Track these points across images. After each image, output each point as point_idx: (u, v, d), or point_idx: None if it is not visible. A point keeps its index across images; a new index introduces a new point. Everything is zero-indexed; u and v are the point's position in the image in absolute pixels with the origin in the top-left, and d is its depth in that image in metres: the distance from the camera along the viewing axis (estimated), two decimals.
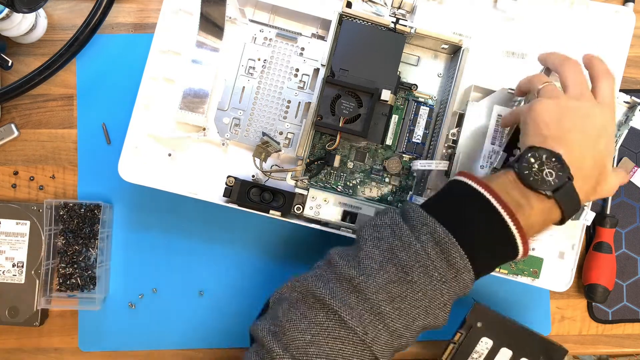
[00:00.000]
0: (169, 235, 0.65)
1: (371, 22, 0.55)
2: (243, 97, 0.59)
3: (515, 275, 0.57)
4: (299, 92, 0.59)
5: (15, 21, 0.61)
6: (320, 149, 0.59)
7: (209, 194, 0.58)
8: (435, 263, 0.41)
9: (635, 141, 0.68)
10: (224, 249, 0.65)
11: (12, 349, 0.65)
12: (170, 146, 0.59)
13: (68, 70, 0.66)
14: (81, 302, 0.63)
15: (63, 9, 0.67)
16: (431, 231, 0.41)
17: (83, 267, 0.64)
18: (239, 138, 0.59)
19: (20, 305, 0.63)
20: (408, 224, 0.43)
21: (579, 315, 0.67)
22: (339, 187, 0.59)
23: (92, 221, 0.64)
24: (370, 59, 0.54)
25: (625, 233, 0.67)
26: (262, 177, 0.57)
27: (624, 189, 0.67)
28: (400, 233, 0.42)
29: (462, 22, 0.59)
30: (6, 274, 0.63)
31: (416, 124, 0.59)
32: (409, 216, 0.43)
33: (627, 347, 0.67)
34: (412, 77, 0.60)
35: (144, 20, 0.67)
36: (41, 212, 0.63)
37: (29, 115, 0.66)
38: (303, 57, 0.59)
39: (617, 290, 0.66)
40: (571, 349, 0.67)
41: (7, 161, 0.66)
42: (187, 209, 0.65)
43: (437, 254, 0.41)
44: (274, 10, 0.59)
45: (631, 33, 0.59)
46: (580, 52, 0.59)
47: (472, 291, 0.65)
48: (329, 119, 0.54)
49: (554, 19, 0.59)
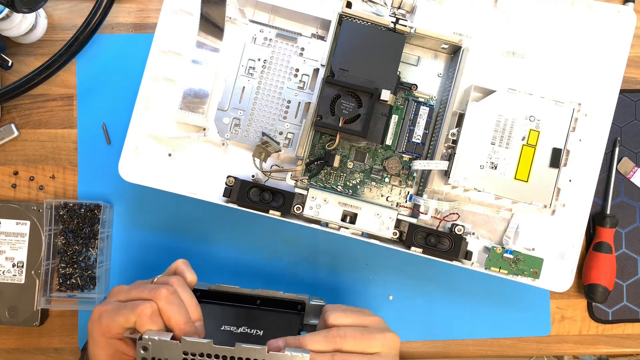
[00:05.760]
0: (169, 235, 0.65)
1: (371, 22, 0.55)
2: (243, 97, 0.59)
3: (516, 276, 0.57)
4: (298, 92, 0.59)
5: (15, 21, 0.61)
6: (320, 149, 0.59)
7: (208, 193, 0.58)
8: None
9: (635, 141, 0.68)
10: (223, 249, 0.65)
11: (12, 349, 0.65)
12: (170, 146, 0.59)
13: (68, 70, 0.66)
14: (81, 302, 0.63)
15: (63, 9, 0.67)
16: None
17: (83, 267, 0.64)
18: (239, 138, 0.59)
19: (20, 305, 0.63)
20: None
21: (579, 315, 0.67)
22: (338, 187, 0.59)
23: (92, 221, 0.64)
24: (370, 59, 0.54)
25: (625, 233, 0.67)
26: (262, 177, 0.57)
27: (624, 189, 0.67)
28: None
29: (462, 22, 0.59)
30: (6, 274, 0.63)
31: (416, 124, 0.59)
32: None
33: (627, 347, 0.67)
34: (412, 77, 0.60)
35: (144, 20, 0.67)
36: (41, 212, 0.63)
37: (29, 115, 0.66)
38: (303, 57, 0.59)
39: (617, 290, 0.66)
40: (571, 349, 0.67)
41: (7, 161, 0.66)
42: (187, 208, 0.65)
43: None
44: (274, 10, 0.59)
45: (632, 33, 0.59)
46: (580, 52, 0.59)
47: (473, 291, 0.65)
48: (328, 119, 0.54)
49: (554, 19, 0.59)
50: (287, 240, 0.66)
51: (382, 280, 0.66)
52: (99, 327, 0.44)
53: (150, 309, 0.42)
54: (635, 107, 0.68)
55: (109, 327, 0.43)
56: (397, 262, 0.66)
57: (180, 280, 0.46)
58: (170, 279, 0.46)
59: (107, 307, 0.44)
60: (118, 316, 0.43)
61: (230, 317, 0.51)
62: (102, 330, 0.43)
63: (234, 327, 0.51)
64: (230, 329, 0.51)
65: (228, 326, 0.51)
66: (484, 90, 0.56)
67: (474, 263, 0.57)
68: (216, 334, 0.50)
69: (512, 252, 0.57)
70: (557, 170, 0.55)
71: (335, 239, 0.65)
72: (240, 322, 0.51)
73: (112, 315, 0.43)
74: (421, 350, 0.66)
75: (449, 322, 0.66)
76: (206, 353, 0.41)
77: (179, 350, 0.41)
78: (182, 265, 0.49)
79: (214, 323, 0.51)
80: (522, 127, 0.56)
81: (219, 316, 0.51)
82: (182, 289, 0.45)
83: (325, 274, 0.65)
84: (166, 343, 0.41)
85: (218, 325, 0.51)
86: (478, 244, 0.58)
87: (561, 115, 0.56)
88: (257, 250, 0.66)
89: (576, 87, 0.59)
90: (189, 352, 0.41)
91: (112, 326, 0.43)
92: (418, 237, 0.55)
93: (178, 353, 0.41)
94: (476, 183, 0.55)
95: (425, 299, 0.66)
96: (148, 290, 0.44)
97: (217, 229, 0.65)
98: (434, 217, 0.58)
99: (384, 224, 0.55)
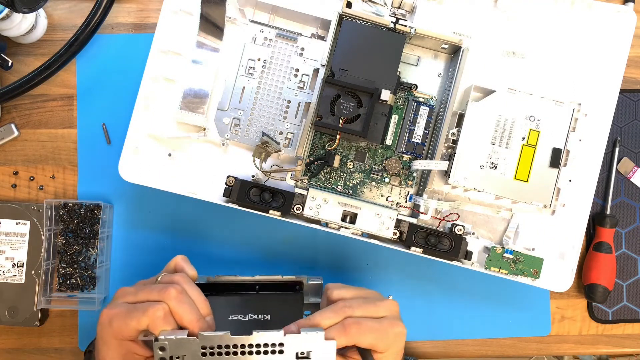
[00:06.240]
0: (169, 235, 0.65)
1: (371, 22, 0.55)
2: (243, 97, 0.59)
3: (516, 276, 0.57)
4: (298, 92, 0.59)
5: (15, 21, 0.61)
6: (320, 149, 0.59)
7: (208, 193, 0.58)
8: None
9: (635, 141, 0.68)
10: (223, 249, 0.65)
11: (12, 349, 0.65)
12: (170, 146, 0.59)
13: (68, 70, 0.66)
14: (81, 302, 0.63)
15: (63, 9, 0.67)
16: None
17: (83, 267, 0.64)
18: (239, 138, 0.59)
19: (20, 305, 0.63)
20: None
21: (579, 315, 0.67)
22: (338, 187, 0.59)
23: (92, 221, 0.64)
24: (370, 59, 0.54)
25: (625, 233, 0.67)
26: (262, 177, 0.57)
27: (624, 189, 0.67)
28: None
29: (462, 22, 0.59)
30: (6, 274, 0.63)
31: (416, 124, 0.59)
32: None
33: (627, 347, 0.67)
34: (412, 77, 0.60)
35: (144, 20, 0.67)
36: (41, 212, 0.63)
37: (29, 115, 0.66)
38: (303, 57, 0.59)
39: (617, 290, 0.66)
40: (571, 349, 0.67)
41: (7, 161, 0.66)
42: (187, 208, 0.65)
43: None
44: (274, 10, 0.59)
45: (632, 33, 0.59)
46: (580, 52, 0.59)
47: (473, 291, 0.65)
48: (328, 119, 0.54)
49: (554, 19, 0.59)
50: (287, 240, 0.66)
51: (382, 280, 0.66)
52: (110, 331, 0.44)
53: (162, 310, 0.43)
54: (635, 107, 0.68)
55: (121, 330, 0.43)
56: (397, 262, 0.66)
57: (186, 277, 0.47)
58: (176, 277, 0.47)
59: (117, 310, 0.44)
60: (130, 319, 0.43)
61: (235, 306, 0.52)
62: (114, 334, 0.44)
63: (241, 315, 0.52)
64: (238, 317, 0.52)
65: (235, 315, 0.52)
66: (484, 90, 0.56)
67: (474, 263, 0.57)
68: (226, 324, 0.51)
69: (512, 252, 0.57)
70: (557, 170, 0.55)
71: (335, 239, 0.65)
72: (246, 310, 0.52)
73: (124, 318, 0.43)
74: (421, 350, 0.66)
75: (449, 322, 0.66)
76: (224, 344, 0.41)
77: (197, 345, 0.41)
78: (181, 262, 0.49)
79: (221, 314, 0.51)
80: (522, 127, 0.56)
81: (225, 307, 0.52)
82: (189, 286, 0.46)
83: (325, 274, 0.65)
84: (184, 341, 0.41)
85: (226, 316, 0.52)
86: (478, 244, 0.58)
87: (561, 115, 0.56)
88: (257, 251, 0.66)
89: (576, 87, 0.59)
90: (207, 347, 0.41)
91: (124, 329, 0.43)
92: (418, 237, 0.55)
93: (196, 348, 0.41)
94: (476, 183, 0.55)
95: (425, 299, 0.66)
96: (157, 291, 0.44)
97: (217, 229, 0.65)
98: (434, 217, 0.58)
99: (384, 224, 0.55)
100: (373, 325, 0.45)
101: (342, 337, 0.44)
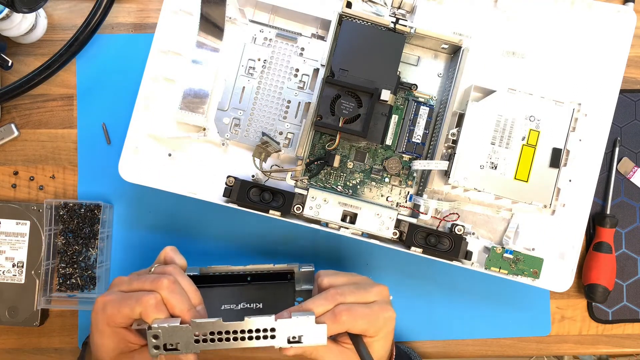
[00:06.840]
0: (169, 235, 0.65)
1: (371, 22, 0.55)
2: (243, 97, 0.59)
3: (515, 276, 0.57)
4: (298, 92, 0.59)
5: (15, 21, 0.61)
6: (320, 149, 0.59)
7: (208, 193, 0.58)
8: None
9: (635, 141, 0.68)
10: (223, 249, 0.65)
11: (12, 349, 0.65)
12: (170, 146, 0.59)
13: (68, 70, 0.66)
14: (81, 302, 0.63)
15: (63, 9, 0.67)
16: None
17: (83, 267, 0.64)
18: (239, 138, 0.59)
19: (20, 305, 0.63)
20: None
21: (579, 315, 0.67)
22: (338, 187, 0.59)
23: (92, 221, 0.64)
24: (370, 59, 0.54)
25: (625, 233, 0.67)
26: (262, 177, 0.57)
27: (624, 189, 0.67)
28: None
29: (462, 22, 0.59)
30: (6, 274, 0.63)
31: (416, 124, 0.59)
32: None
33: (627, 347, 0.67)
34: (412, 77, 0.60)
35: (144, 20, 0.67)
36: (41, 212, 0.63)
37: (29, 115, 0.66)
38: (303, 57, 0.59)
39: (617, 290, 0.66)
40: (571, 349, 0.67)
41: (7, 161, 0.66)
42: (187, 208, 0.65)
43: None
44: (274, 10, 0.59)
45: (632, 33, 0.59)
46: (580, 52, 0.59)
47: (473, 291, 0.65)
48: (328, 119, 0.54)
49: (554, 19, 0.59)
50: (287, 240, 0.66)
51: (382, 280, 0.65)
52: (103, 317, 0.45)
53: (154, 299, 0.44)
54: (635, 107, 0.68)
55: (114, 316, 0.44)
56: (397, 262, 0.66)
57: (177, 268, 0.48)
58: (168, 268, 0.48)
59: (111, 297, 0.45)
60: (123, 307, 0.44)
61: (227, 296, 0.54)
62: (107, 320, 0.45)
63: (233, 304, 0.54)
64: (231, 307, 0.54)
65: (228, 305, 0.54)
66: (484, 90, 0.56)
67: (474, 263, 0.57)
68: (219, 314, 0.53)
69: (512, 252, 0.57)
70: (557, 170, 0.55)
71: (335, 239, 0.65)
72: (238, 300, 0.54)
73: (117, 305, 0.44)
74: (421, 350, 0.66)
75: (449, 322, 0.66)
76: (217, 331, 0.42)
77: (189, 333, 0.42)
78: (170, 253, 0.50)
79: (214, 305, 0.53)
80: (522, 127, 0.56)
81: (217, 298, 0.53)
82: (181, 277, 0.47)
83: None
84: (177, 328, 0.42)
85: (218, 306, 0.53)
86: (478, 244, 0.58)
87: (561, 115, 0.56)
88: (257, 251, 0.66)
89: (576, 87, 0.59)
90: (199, 334, 0.42)
91: (117, 316, 0.44)
92: (418, 237, 0.55)
93: (189, 336, 0.42)
94: (476, 183, 0.55)
95: (425, 299, 0.66)
96: (150, 281, 0.45)
97: (217, 229, 0.65)
98: (434, 217, 0.58)
99: (384, 224, 0.55)
100: (364, 311, 0.46)
101: (334, 324, 0.45)
